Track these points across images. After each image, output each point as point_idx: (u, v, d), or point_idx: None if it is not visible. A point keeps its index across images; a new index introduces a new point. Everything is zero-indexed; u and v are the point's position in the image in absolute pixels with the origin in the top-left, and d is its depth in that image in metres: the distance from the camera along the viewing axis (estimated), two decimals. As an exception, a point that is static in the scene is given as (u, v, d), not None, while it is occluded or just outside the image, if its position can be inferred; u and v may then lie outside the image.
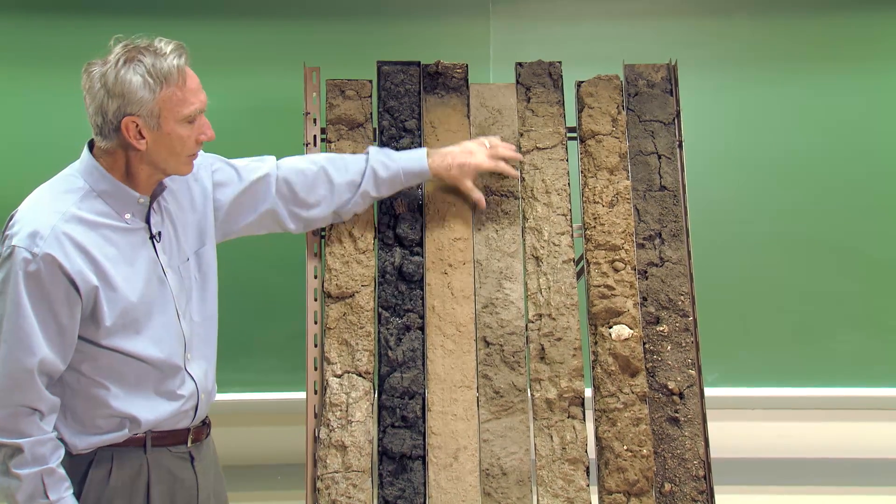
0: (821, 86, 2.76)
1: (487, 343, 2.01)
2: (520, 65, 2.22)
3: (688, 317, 2.04)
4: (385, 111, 2.15)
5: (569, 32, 2.75)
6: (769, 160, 2.76)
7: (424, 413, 1.94)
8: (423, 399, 1.95)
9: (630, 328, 2.01)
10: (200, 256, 1.84)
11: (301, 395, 2.00)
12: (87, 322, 1.65)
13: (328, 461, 1.90)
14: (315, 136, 2.13)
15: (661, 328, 2.03)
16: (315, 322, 2.02)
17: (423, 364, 1.98)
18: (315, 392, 1.97)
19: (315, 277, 2.03)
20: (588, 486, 1.92)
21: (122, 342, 1.67)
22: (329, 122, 2.14)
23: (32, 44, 2.66)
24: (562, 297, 2.03)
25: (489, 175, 2.09)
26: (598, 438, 1.96)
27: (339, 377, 1.95)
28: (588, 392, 1.99)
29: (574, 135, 2.18)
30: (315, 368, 1.99)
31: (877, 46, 2.78)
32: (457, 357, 1.99)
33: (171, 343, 1.74)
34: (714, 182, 2.73)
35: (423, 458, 1.92)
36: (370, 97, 2.15)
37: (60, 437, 1.67)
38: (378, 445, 1.93)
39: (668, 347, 2.02)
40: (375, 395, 1.96)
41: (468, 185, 2.01)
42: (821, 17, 2.77)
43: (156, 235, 1.74)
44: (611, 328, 2.01)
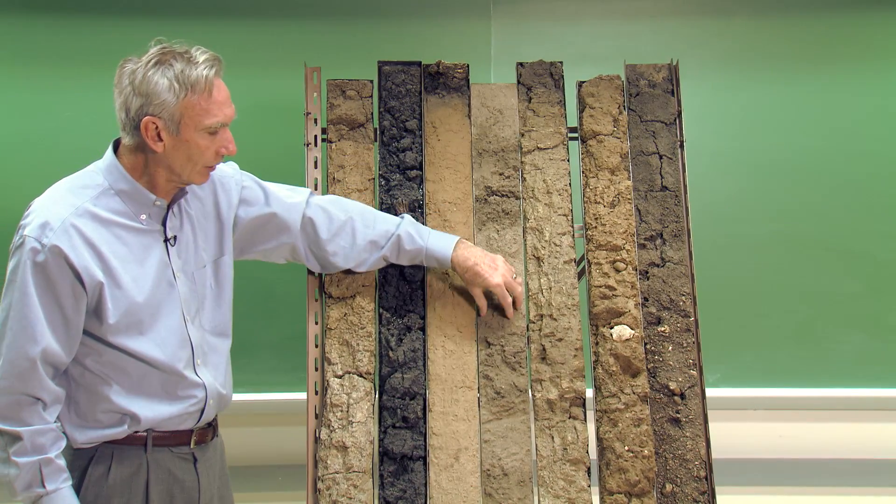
0: (822, 86, 2.76)
1: (488, 343, 2.00)
2: (521, 65, 2.21)
3: (689, 317, 2.04)
4: (386, 111, 2.14)
5: (570, 32, 2.75)
6: (771, 160, 2.75)
7: (425, 414, 1.94)
8: (424, 400, 1.95)
9: (631, 328, 2.00)
10: (219, 266, 1.85)
11: (302, 396, 2.00)
12: (92, 317, 1.67)
13: (329, 462, 1.90)
14: (316, 137, 2.13)
15: (663, 328, 2.03)
16: (316, 322, 2.02)
17: (424, 364, 1.97)
18: (316, 392, 1.97)
19: (316, 277, 2.03)
20: (589, 487, 1.92)
21: (126, 341, 1.69)
22: (330, 122, 2.14)
23: (32, 44, 2.67)
24: (563, 298, 2.03)
25: (491, 174, 2.09)
26: (600, 439, 1.96)
27: (340, 378, 1.95)
28: (589, 392, 1.98)
29: (575, 135, 2.18)
30: (316, 369, 1.99)
31: (877, 46, 2.77)
32: (458, 357, 1.98)
33: (175, 347, 1.74)
34: (715, 182, 2.73)
35: (424, 459, 1.92)
36: (371, 97, 2.15)
37: (63, 430, 1.69)
38: (379, 446, 1.92)
39: (670, 348, 2.02)
40: (376, 396, 1.96)
41: (476, 292, 1.98)
42: (821, 17, 2.77)
43: (170, 239, 1.75)
44: (612, 328, 2.01)
